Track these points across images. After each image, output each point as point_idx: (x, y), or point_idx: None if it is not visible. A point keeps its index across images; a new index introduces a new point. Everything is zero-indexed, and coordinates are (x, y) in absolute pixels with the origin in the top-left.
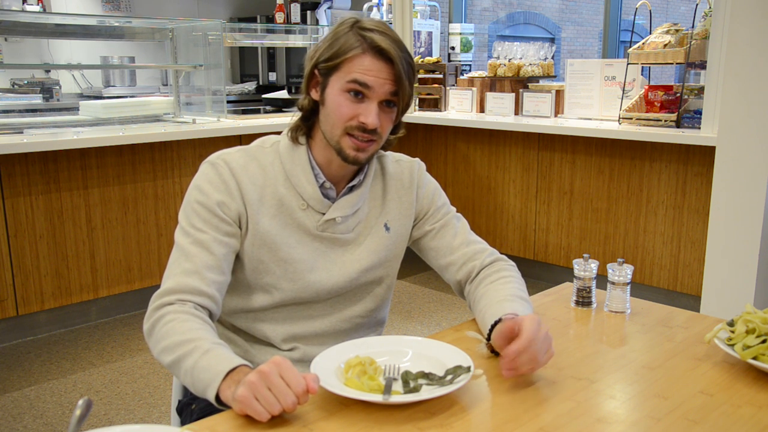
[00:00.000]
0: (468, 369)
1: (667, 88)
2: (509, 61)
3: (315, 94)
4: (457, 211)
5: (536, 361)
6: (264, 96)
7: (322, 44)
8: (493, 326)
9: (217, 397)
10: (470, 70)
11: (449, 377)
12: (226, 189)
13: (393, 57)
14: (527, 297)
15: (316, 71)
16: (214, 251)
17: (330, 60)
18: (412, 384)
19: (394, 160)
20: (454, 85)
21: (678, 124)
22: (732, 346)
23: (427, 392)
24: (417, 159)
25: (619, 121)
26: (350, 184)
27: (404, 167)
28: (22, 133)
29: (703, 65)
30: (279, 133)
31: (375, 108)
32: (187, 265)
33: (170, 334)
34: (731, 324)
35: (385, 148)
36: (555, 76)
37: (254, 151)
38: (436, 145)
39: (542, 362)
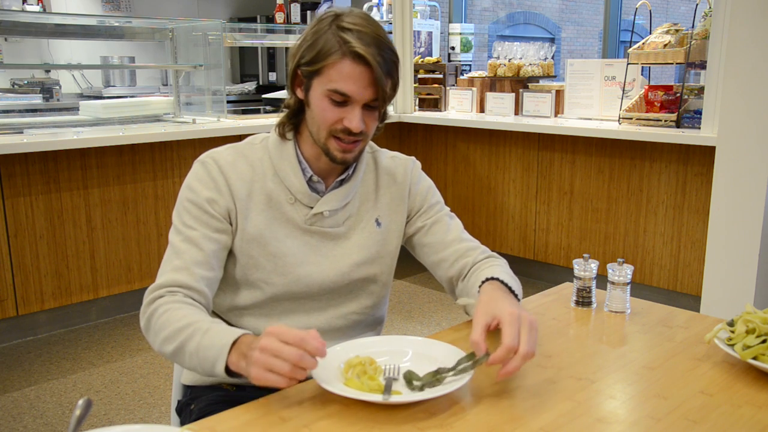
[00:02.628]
0: (485, 355)
1: (667, 88)
2: (509, 61)
3: (300, 93)
4: (458, 212)
5: (526, 357)
6: (264, 96)
7: (304, 42)
8: (481, 285)
9: (228, 370)
10: (470, 70)
11: (463, 366)
12: (215, 186)
13: (371, 62)
14: (516, 280)
15: (299, 71)
16: (203, 248)
17: (311, 64)
18: (417, 383)
19: (390, 156)
20: (454, 85)
21: (678, 124)
22: (732, 346)
23: (427, 392)
24: (412, 157)
25: (619, 121)
26: (339, 178)
27: (399, 164)
28: (22, 133)
29: (703, 65)
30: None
31: (358, 112)
32: (177, 262)
33: (167, 324)
34: (731, 324)
35: (374, 136)
36: (555, 76)
37: (243, 148)
38: (436, 145)
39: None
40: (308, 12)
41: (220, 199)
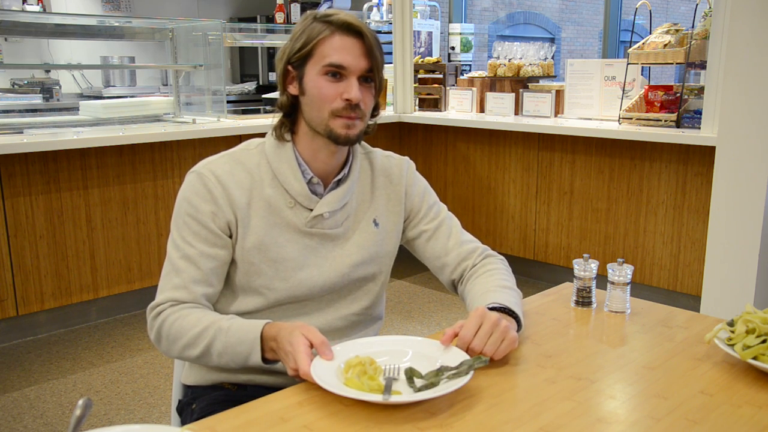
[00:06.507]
0: (486, 359)
1: (667, 88)
2: (509, 61)
3: (293, 89)
4: (458, 212)
5: (488, 347)
6: (264, 96)
7: (290, 41)
8: None
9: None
10: (470, 70)
11: (466, 366)
12: (212, 199)
13: (362, 30)
14: (512, 285)
15: (289, 67)
16: (201, 266)
17: (301, 50)
18: (418, 380)
19: (384, 155)
20: (454, 85)
21: (678, 124)
22: (732, 346)
23: (427, 392)
24: (406, 157)
25: (619, 121)
26: (336, 178)
27: (393, 163)
28: (22, 133)
29: (703, 65)
30: (263, 135)
31: (355, 83)
32: (176, 280)
33: (183, 331)
34: (731, 324)
35: (366, 133)
36: (555, 76)
37: (239, 155)
38: (436, 145)
39: (494, 344)
40: (308, 12)
41: (219, 212)
